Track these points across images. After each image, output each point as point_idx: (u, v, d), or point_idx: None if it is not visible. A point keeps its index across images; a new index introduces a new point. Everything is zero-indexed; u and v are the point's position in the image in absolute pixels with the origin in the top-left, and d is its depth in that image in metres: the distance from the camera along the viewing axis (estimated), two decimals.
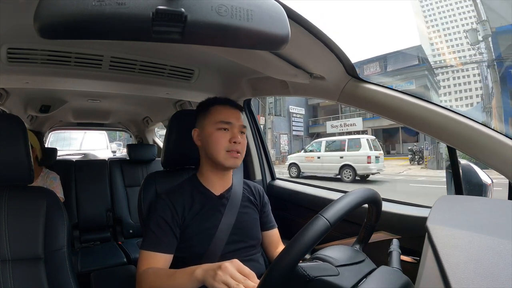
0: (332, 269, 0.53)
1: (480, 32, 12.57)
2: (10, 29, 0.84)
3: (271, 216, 0.99)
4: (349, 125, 17.69)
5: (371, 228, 0.67)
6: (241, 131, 0.86)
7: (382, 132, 17.53)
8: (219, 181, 0.90)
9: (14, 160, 0.77)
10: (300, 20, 0.64)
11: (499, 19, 11.94)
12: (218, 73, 1.30)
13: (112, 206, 2.12)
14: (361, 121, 17.23)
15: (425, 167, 12.62)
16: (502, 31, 11.68)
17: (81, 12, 0.32)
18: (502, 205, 0.44)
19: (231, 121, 0.84)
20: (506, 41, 11.39)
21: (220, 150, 0.83)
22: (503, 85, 11.47)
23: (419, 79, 15.88)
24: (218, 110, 0.86)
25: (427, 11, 24.14)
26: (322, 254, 0.57)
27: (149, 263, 0.77)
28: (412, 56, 16.26)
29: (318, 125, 19.98)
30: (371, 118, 16.80)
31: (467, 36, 13.84)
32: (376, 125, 16.93)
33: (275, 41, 0.41)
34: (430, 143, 13.24)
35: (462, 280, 0.28)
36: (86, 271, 1.47)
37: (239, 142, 0.83)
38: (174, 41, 0.37)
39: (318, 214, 0.50)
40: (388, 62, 17.04)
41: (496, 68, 11.81)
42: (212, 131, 0.84)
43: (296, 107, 18.89)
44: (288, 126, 18.34)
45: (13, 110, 1.73)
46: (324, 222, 0.49)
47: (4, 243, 0.76)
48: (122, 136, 15.44)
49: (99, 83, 1.25)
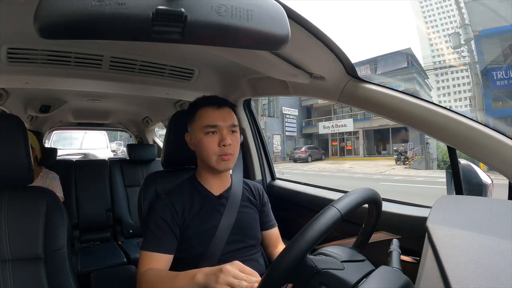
0: (337, 263, 0.54)
1: (462, 36, 12.74)
2: (10, 29, 0.84)
3: (271, 215, 0.99)
4: (340, 126, 18.21)
5: (369, 232, 0.68)
6: (231, 130, 0.84)
7: (373, 133, 17.88)
8: (217, 182, 0.90)
9: (14, 160, 0.77)
10: (300, 20, 0.64)
11: (484, 22, 12.05)
12: (218, 73, 1.30)
13: (112, 206, 2.13)
14: (352, 122, 17.71)
15: (408, 167, 12.94)
16: (484, 35, 11.86)
17: (81, 12, 0.32)
18: (502, 205, 0.43)
19: (217, 124, 0.82)
20: (489, 44, 11.54)
21: (211, 155, 0.82)
22: (485, 87, 11.63)
23: (408, 82, 16.06)
24: (204, 113, 0.84)
25: (427, 12, 24.22)
26: (326, 250, 0.58)
27: (150, 264, 0.77)
28: (401, 58, 16.42)
29: (311, 125, 20.40)
30: (361, 119, 17.27)
31: (450, 39, 13.96)
32: (366, 126, 17.34)
33: (275, 41, 0.41)
34: (419, 144, 13.62)
35: (462, 280, 0.28)
36: (86, 271, 1.47)
37: (228, 144, 0.81)
38: (174, 41, 0.37)
39: (330, 204, 0.52)
40: (378, 65, 17.21)
41: (478, 71, 11.98)
42: (201, 136, 0.83)
43: (290, 108, 19.37)
44: (281, 127, 18.81)
45: (13, 110, 1.72)
46: (336, 212, 0.51)
47: (4, 243, 0.76)
48: (122, 136, 15.45)
49: (99, 83, 1.25)
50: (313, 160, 17.13)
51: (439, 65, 16.14)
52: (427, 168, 12.80)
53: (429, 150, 13.64)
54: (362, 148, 17.64)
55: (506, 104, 11.38)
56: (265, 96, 1.52)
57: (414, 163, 13.06)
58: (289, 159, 17.02)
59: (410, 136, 14.99)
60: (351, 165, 14.97)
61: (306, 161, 16.71)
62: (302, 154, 16.94)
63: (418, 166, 12.78)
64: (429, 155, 13.43)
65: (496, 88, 11.32)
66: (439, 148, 13.58)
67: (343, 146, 18.64)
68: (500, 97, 11.43)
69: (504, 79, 11.09)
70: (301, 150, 17.35)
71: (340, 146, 18.76)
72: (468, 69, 13.28)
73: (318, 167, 14.90)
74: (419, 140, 13.87)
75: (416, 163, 13.07)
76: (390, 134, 16.78)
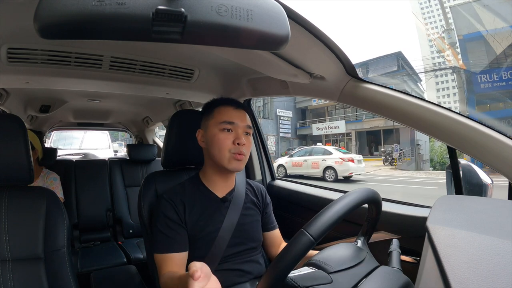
0: (324, 276, 0.52)
1: (446, 40, 12.80)
2: (10, 29, 0.84)
3: (272, 217, 0.98)
4: (333, 127, 18.67)
5: (375, 221, 0.67)
6: (246, 132, 0.84)
7: (366, 134, 18.25)
8: (222, 183, 0.88)
9: (14, 160, 0.77)
10: (300, 20, 0.64)
11: (468, 27, 12.19)
12: (218, 73, 1.30)
13: (112, 206, 2.12)
14: (344, 123, 18.16)
15: (394, 168, 13.20)
16: (469, 38, 12.10)
17: (81, 12, 0.32)
18: (502, 205, 0.43)
19: (234, 121, 0.82)
20: (473, 47, 11.72)
21: (224, 152, 0.81)
22: (469, 90, 11.84)
23: (398, 86, 16.20)
24: (222, 110, 0.85)
25: (427, 13, 24.28)
26: (316, 259, 0.56)
27: (167, 266, 0.77)
28: (392, 62, 16.58)
29: (306, 127, 20.79)
30: (353, 121, 17.80)
31: (434, 44, 13.98)
32: (358, 127, 17.77)
33: (275, 41, 0.41)
34: (409, 145, 13.63)
35: (462, 280, 0.28)
36: (86, 271, 1.47)
37: (243, 144, 0.81)
38: (174, 41, 0.37)
39: (302, 229, 0.50)
40: (369, 68, 17.35)
41: (462, 74, 12.10)
42: (216, 132, 0.82)
43: (284, 110, 19.82)
44: (276, 128, 19.23)
45: (13, 110, 1.72)
46: (308, 238, 0.48)
47: (4, 243, 0.76)
48: (124, 136, 15.48)
49: (99, 83, 1.25)
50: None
51: (438, 66, 16.15)
52: (417, 169, 13.06)
53: (420, 151, 13.87)
54: (355, 149, 17.91)
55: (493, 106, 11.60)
56: (265, 96, 1.52)
57: (402, 164, 13.36)
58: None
59: (401, 138, 15.33)
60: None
61: None
62: None
63: (407, 167, 13.07)
64: (419, 156, 13.64)
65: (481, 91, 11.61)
66: (433, 150, 13.74)
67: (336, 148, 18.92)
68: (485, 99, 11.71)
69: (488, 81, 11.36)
70: (294, 151, 17.60)
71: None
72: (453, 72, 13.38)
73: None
74: (410, 141, 14.07)
75: (405, 164, 13.37)
76: (382, 135, 17.04)
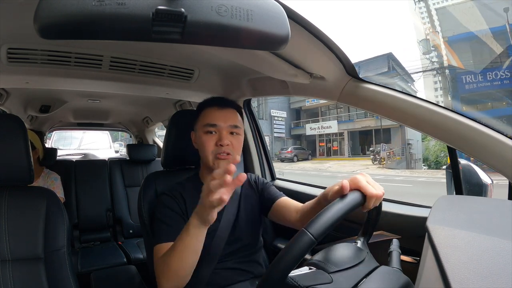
0: (325, 276, 0.52)
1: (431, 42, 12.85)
2: (10, 29, 0.84)
3: (274, 189, 0.94)
4: (326, 127, 18.86)
5: (375, 221, 0.66)
6: (231, 132, 0.84)
7: (358, 134, 18.40)
8: None
9: (14, 160, 0.78)
10: (300, 20, 0.64)
11: (454, 28, 12.28)
12: (218, 73, 1.30)
13: (112, 206, 2.13)
14: (336, 123, 18.37)
15: (382, 167, 13.30)
16: (453, 40, 12.27)
17: (81, 12, 0.32)
18: (502, 205, 0.44)
19: (216, 123, 0.83)
20: (457, 49, 11.93)
21: (208, 154, 0.83)
22: (454, 91, 12.01)
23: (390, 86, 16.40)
24: (206, 113, 0.86)
25: (425, 13, 24.42)
26: (316, 259, 0.56)
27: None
28: (382, 63, 16.65)
29: (300, 127, 20.94)
30: (345, 121, 18.06)
31: (420, 45, 14.02)
32: (350, 127, 17.94)
33: (275, 41, 0.41)
34: (401, 145, 13.73)
35: (462, 280, 0.28)
36: (86, 271, 1.47)
37: (226, 144, 0.82)
38: (174, 41, 0.37)
39: (303, 228, 0.49)
40: (360, 70, 17.45)
41: (446, 75, 12.19)
42: (201, 134, 0.85)
43: (278, 111, 20.05)
44: (270, 128, 19.41)
45: (13, 110, 1.72)
46: (309, 238, 0.48)
47: (4, 243, 0.76)
48: (124, 136, 15.47)
49: (99, 83, 1.25)
50: (299, 160, 17.71)
51: (432, 66, 16.22)
52: (408, 168, 13.16)
53: (411, 150, 13.93)
54: (347, 149, 18.07)
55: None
56: (265, 96, 1.52)
57: (391, 163, 13.50)
58: (277, 159, 17.42)
59: (392, 137, 15.43)
60: (332, 164, 15.55)
61: (292, 160, 17.31)
62: (288, 154, 17.56)
63: (396, 166, 13.18)
64: (411, 155, 13.73)
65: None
66: (427, 149, 13.79)
67: (329, 147, 19.22)
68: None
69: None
70: (287, 150, 17.94)
71: (327, 147, 19.35)
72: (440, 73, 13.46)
73: (299, 166, 15.78)
74: (401, 140, 14.15)
75: (394, 163, 13.50)
76: (373, 135, 17.18)
